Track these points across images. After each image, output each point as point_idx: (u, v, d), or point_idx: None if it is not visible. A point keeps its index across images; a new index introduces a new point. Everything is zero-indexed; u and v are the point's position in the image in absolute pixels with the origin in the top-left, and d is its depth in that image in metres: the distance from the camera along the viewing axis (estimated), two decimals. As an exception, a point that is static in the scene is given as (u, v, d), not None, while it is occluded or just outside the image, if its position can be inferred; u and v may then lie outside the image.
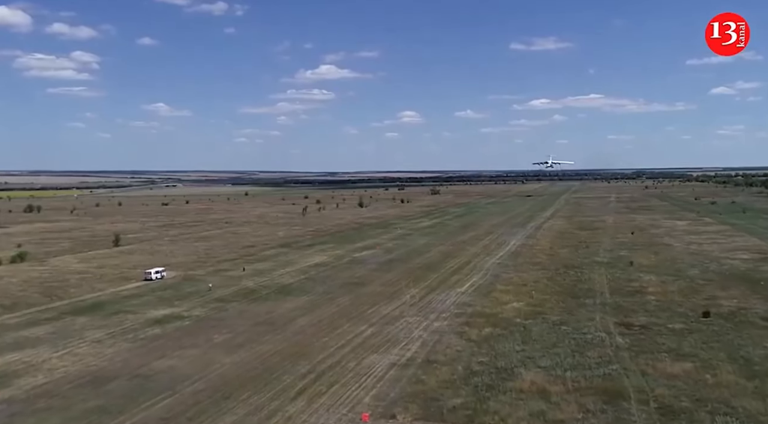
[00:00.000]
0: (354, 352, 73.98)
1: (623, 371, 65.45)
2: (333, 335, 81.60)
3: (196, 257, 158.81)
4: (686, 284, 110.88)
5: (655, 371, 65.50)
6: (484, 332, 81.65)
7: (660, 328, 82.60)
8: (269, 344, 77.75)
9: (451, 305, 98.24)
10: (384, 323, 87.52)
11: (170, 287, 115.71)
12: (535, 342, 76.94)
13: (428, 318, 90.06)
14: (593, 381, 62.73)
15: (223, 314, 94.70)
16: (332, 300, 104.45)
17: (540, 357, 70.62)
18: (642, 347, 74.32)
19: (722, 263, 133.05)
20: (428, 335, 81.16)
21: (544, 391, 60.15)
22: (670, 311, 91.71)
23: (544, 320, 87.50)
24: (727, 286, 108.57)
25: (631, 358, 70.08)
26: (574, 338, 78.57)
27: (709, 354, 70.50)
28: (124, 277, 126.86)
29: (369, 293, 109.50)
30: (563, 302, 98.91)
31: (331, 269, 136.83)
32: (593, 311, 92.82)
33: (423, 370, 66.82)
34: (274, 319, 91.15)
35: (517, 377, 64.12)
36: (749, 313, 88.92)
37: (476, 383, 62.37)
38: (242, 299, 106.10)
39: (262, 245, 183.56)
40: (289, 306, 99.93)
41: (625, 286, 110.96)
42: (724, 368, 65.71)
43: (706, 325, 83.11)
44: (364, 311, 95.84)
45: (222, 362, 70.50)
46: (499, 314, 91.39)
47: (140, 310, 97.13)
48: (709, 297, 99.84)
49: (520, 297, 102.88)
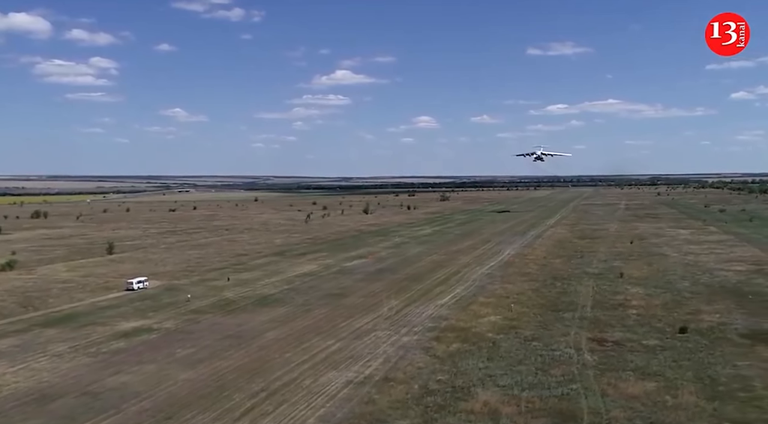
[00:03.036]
0: (314, 368, 72.56)
1: (583, 391, 63.55)
2: (298, 350, 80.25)
3: (186, 265, 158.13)
4: (672, 297, 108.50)
5: (616, 391, 63.57)
6: (451, 348, 79.93)
7: (633, 344, 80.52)
8: (230, 360, 76.47)
9: (426, 319, 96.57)
10: (353, 338, 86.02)
11: (150, 298, 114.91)
12: (501, 359, 75.16)
13: (399, 332, 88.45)
14: (549, 402, 60.88)
15: (193, 327, 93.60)
16: (308, 312, 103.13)
17: (501, 375, 68.86)
18: (609, 364, 72.35)
19: (715, 274, 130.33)
20: (394, 350, 79.57)
21: (496, 412, 58.47)
22: (649, 326, 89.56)
23: (517, 335, 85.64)
24: (714, 299, 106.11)
25: (596, 377, 68.13)
26: (542, 354, 76.69)
27: (675, 373, 68.44)
28: (107, 287, 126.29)
29: (347, 305, 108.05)
30: (541, 316, 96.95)
31: (317, 279, 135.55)
32: (570, 325, 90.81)
33: (378, 388, 65.27)
34: (243, 332, 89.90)
35: (472, 397, 62.44)
36: (728, 329, 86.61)
37: (428, 403, 60.77)
38: (218, 310, 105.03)
39: (256, 253, 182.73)
40: (262, 318, 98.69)
41: (609, 299, 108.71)
42: (688, 388, 63.70)
43: (681, 341, 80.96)
44: (337, 324, 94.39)
45: (176, 378, 69.29)
46: (472, 329, 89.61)
47: (111, 322, 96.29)
48: (692, 311, 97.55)
49: (498, 310, 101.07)
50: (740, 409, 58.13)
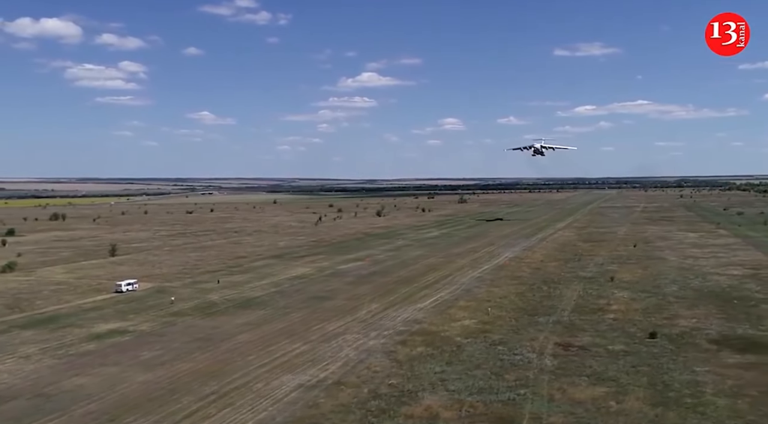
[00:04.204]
0: (271, 372, 73.04)
1: (531, 397, 63.29)
2: (262, 353, 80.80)
3: (183, 268, 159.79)
4: (655, 302, 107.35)
5: (564, 396, 63.23)
6: (414, 352, 79.96)
7: (598, 349, 79.92)
8: (192, 363, 77.25)
9: (400, 322, 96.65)
10: (321, 341, 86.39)
11: (135, 300, 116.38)
12: (460, 363, 75.06)
13: (368, 336, 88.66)
14: (492, 407, 60.76)
15: (168, 329, 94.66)
16: (286, 315, 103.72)
17: (454, 380, 68.80)
18: (567, 369, 71.90)
19: (708, 279, 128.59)
20: (356, 354, 79.80)
21: (435, 417, 58.50)
22: (621, 330, 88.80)
23: (485, 339, 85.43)
24: (697, 304, 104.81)
25: (549, 382, 67.77)
26: (502, 359, 76.50)
27: (630, 379, 67.84)
28: (98, 289, 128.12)
29: (328, 308, 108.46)
30: (516, 320, 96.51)
31: (307, 282, 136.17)
32: (542, 329, 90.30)
33: (327, 392, 65.54)
34: (215, 335, 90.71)
35: (417, 401, 62.49)
36: (700, 334, 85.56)
37: (371, 408, 60.95)
38: (198, 313, 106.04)
39: (256, 255, 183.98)
40: (239, 321, 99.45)
41: (591, 303, 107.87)
42: (636, 394, 63.20)
43: (648, 347, 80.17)
44: (311, 327, 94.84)
45: (133, 381, 70.18)
46: (442, 333, 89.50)
47: (89, 324, 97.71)
48: (670, 316, 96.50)
49: (475, 314, 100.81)
50: (682, 415, 57.52)
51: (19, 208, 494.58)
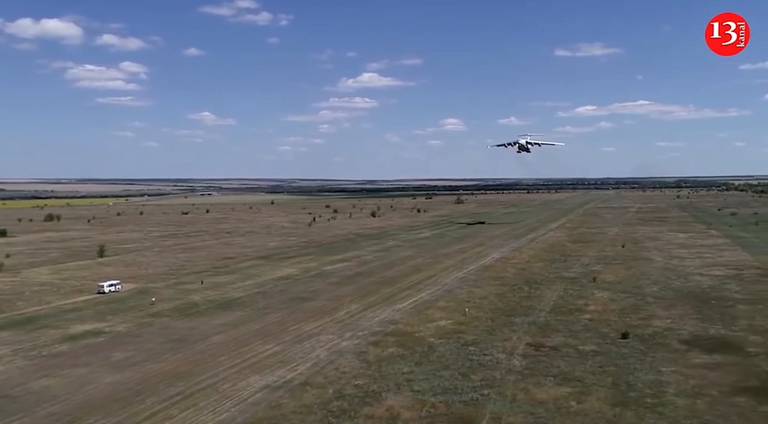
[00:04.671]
0: (239, 373, 73.25)
1: (494, 397, 63.54)
2: (233, 354, 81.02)
3: (169, 268, 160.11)
4: (634, 302, 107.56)
5: (527, 396, 63.48)
6: (385, 353, 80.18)
7: (569, 350, 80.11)
8: (163, 363, 77.47)
9: (376, 323, 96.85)
10: (294, 342, 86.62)
11: (116, 301, 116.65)
12: (429, 364, 75.27)
13: (342, 337, 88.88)
14: (454, 407, 61.00)
15: (144, 330, 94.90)
16: (264, 316, 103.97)
17: (421, 380, 69.01)
18: (535, 370, 72.14)
19: (690, 279, 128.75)
20: (328, 355, 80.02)
21: (395, 417, 58.76)
22: (595, 331, 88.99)
23: (458, 340, 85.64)
24: (675, 305, 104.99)
25: (515, 382, 68.00)
26: (472, 359, 76.72)
27: (595, 379, 68.08)
28: (80, 290, 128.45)
29: (307, 309, 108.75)
30: (492, 321, 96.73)
31: (291, 283, 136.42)
32: (516, 330, 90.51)
33: (291, 393, 65.77)
34: (190, 336, 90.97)
35: (380, 402, 62.73)
36: (672, 335, 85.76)
37: (333, 408, 61.19)
38: (177, 314, 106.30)
39: (244, 256, 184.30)
40: (216, 322, 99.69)
41: (569, 303, 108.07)
42: (599, 394, 63.45)
43: (619, 347, 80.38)
44: (287, 328, 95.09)
45: (100, 382, 70.41)
46: (416, 333, 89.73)
47: (66, 325, 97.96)
48: (646, 317, 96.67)
49: (452, 315, 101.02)
50: (639, 415, 57.77)
51: (17, 209, 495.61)
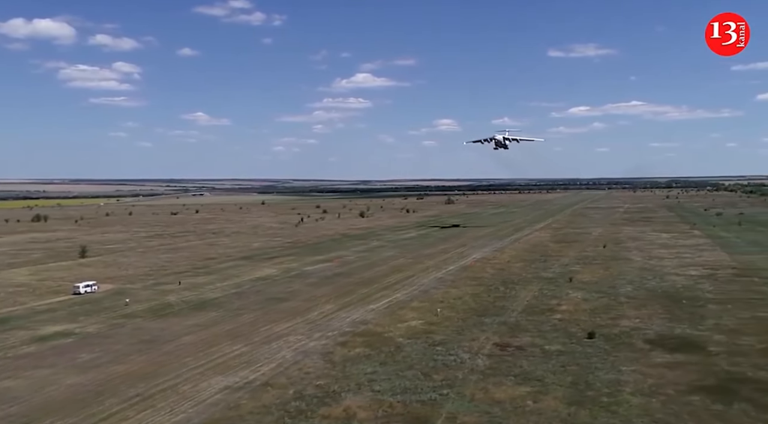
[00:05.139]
0: (203, 373, 73.35)
1: (453, 397, 63.88)
2: (200, 355, 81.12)
3: (150, 269, 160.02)
4: (606, 302, 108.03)
5: (486, 396, 63.85)
6: (351, 353, 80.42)
7: (534, 349, 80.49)
8: (128, 365, 77.50)
9: (347, 323, 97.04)
10: (263, 343, 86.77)
11: (91, 302, 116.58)
12: (394, 364, 75.58)
13: (311, 337, 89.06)
14: (411, 407, 61.30)
15: (114, 331, 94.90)
16: (237, 317, 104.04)
17: (383, 380, 69.28)
18: (497, 369, 72.51)
19: (665, 279, 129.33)
20: (293, 355, 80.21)
21: (351, 417, 59.05)
22: (563, 331, 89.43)
23: (426, 340, 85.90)
24: (646, 304, 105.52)
25: (476, 382, 68.35)
26: (436, 359, 77.00)
27: (555, 378, 68.47)
28: (57, 291, 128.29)
29: (281, 310, 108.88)
30: (464, 321, 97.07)
31: (269, 284, 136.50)
32: (485, 330, 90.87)
33: (251, 394, 65.91)
34: (160, 337, 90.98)
35: (338, 402, 62.98)
36: (638, 334, 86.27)
37: (290, 409, 61.43)
38: (150, 315, 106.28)
39: (226, 257, 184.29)
40: (188, 323, 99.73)
41: (542, 304, 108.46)
42: (557, 393, 63.86)
43: (584, 347, 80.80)
44: (258, 328, 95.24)
45: (62, 383, 70.41)
46: (385, 333, 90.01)
47: (37, 326, 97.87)
48: (615, 317, 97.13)
49: (425, 315, 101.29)
50: (593, 414, 58.19)
51: (7, 209, 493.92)
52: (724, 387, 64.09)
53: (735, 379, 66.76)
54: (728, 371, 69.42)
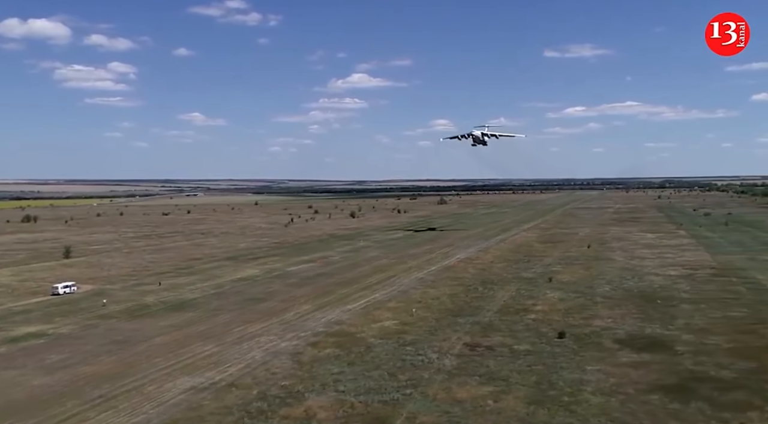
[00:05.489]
0: (170, 374, 73.39)
1: (416, 397, 64.14)
2: (170, 355, 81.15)
3: (132, 270, 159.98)
4: (581, 302, 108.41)
5: (448, 396, 64.08)
6: (321, 354, 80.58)
7: (503, 349, 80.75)
8: (96, 366, 77.52)
9: (321, 324, 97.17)
10: (233, 343, 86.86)
11: (68, 303, 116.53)
12: (362, 364, 75.78)
13: (283, 338, 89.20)
14: (372, 407, 61.50)
15: (87, 332, 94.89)
16: (213, 317, 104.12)
17: (348, 380, 69.46)
18: (464, 369, 72.76)
19: (644, 279, 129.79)
20: (263, 356, 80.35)
21: (311, 418, 59.32)
22: (534, 331, 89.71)
23: (397, 341, 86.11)
24: (621, 304, 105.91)
25: (441, 382, 68.55)
26: (404, 359, 77.23)
27: (519, 378, 68.78)
28: (36, 291, 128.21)
29: (258, 310, 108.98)
30: (437, 321, 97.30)
31: (250, 284, 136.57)
32: (458, 330, 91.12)
33: (215, 395, 66.02)
34: (132, 338, 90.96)
35: (300, 402, 63.19)
36: (609, 334, 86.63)
37: (251, 409, 61.53)
38: (126, 315, 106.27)
39: (210, 257, 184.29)
40: (163, 324, 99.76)
41: (518, 304, 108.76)
42: (518, 393, 64.19)
43: (552, 346, 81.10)
44: (231, 329, 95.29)
45: (27, 385, 70.41)
46: (358, 334, 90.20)
47: (11, 327, 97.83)
48: (588, 316, 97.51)
49: (400, 315, 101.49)
50: (552, 413, 58.51)
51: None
52: (685, 386, 64.42)
53: (697, 378, 67.09)
54: (691, 371, 69.74)
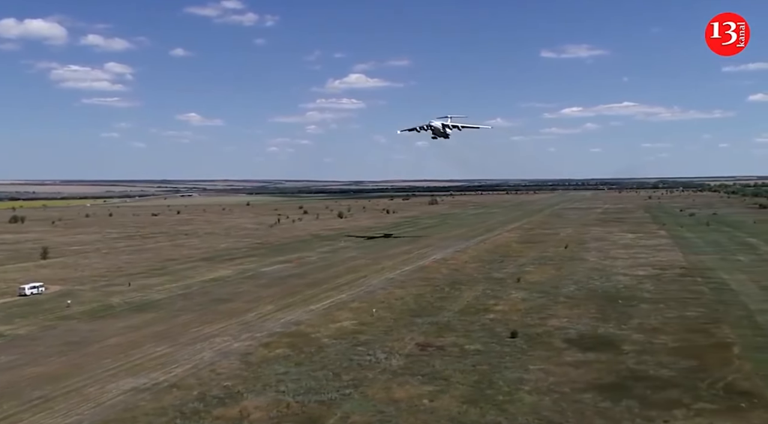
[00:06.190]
0: (115, 375, 73.46)
1: (354, 396, 64.51)
2: (120, 356, 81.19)
3: (106, 270, 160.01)
4: (543, 302, 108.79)
5: (386, 395, 64.43)
6: (271, 354, 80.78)
7: (454, 349, 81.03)
8: (44, 367, 77.52)
9: (279, 324, 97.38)
10: (187, 344, 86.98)
11: (33, 304, 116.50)
12: (310, 364, 76.08)
13: (238, 338, 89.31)
14: (308, 407, 61.79)
15: (44, 333, 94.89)
16: (174, 318, 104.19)
17: (292, 380, 69.78)
18: (409, 369, 73.07)
19: (611, 279, 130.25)
20: (212, 356, 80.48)
21: (244, 418, 59.42)
22: (489, 330, 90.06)
23: (351, 341, 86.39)
24: (581, 304, 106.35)
25: (384, 382, 68.87)
26: (353, 359, 77.55)
27: (461, 377, 69.16)
28: (3, 292, 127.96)
29: (221, 311, 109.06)
30: (396, 321, 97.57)
31: (220, 285, 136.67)
32: (414, 330, 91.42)
33: (155, 395, 66.11)
34: (88, 339, 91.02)
35: (238, 402, 63.49)
36: (560, 333, 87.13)
37: (186, 410, 61.76)
38: (87, 316, 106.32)
39: (186, 258, 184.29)
40: (122, 325, 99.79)
41: (481, 304, 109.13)
42: (456, 392, 64.73)
43: (502, 346, 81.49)
44: (189, 330, 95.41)
45: (-31, 385, 70.28)
46: (313, 334, 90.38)
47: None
48: (546, 316, 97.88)
49: (360, 316, 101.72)
50: (483, 411, 58.91)
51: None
52: (620, 385, 64.78)
53: (634, 377, 67.45)
54: (631, 370, 70.06)
